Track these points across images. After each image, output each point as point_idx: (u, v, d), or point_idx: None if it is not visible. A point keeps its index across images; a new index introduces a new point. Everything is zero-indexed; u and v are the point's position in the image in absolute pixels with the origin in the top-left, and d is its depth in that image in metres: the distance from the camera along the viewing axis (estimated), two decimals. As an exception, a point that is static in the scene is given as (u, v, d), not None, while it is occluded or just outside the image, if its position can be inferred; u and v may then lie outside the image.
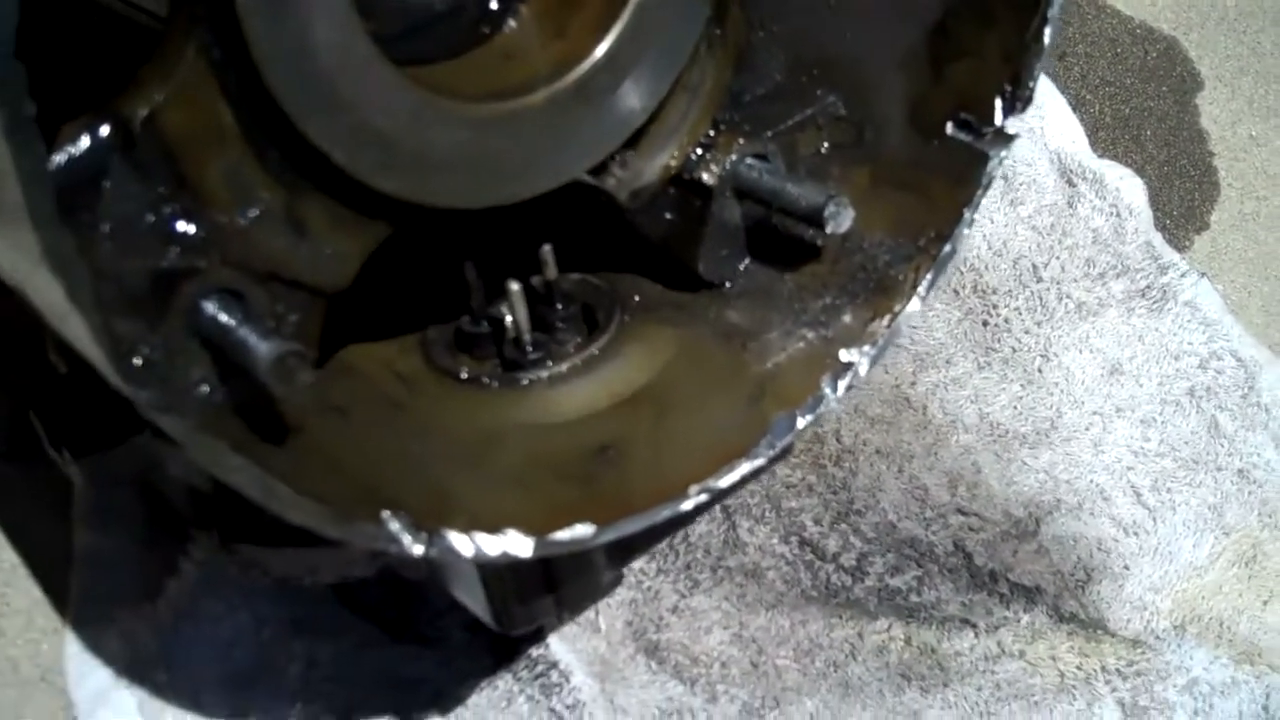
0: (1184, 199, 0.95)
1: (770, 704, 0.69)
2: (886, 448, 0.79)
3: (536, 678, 0.67)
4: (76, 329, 0.38)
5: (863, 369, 0.56)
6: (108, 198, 0.42)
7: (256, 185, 0.46)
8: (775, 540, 0.74)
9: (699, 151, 0.58)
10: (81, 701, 0.64)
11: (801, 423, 0.53)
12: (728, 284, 0.60)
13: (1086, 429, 0.81)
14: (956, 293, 0.85)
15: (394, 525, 0.44)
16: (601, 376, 0.56)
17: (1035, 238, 0.88)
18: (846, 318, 0.56)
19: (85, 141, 0.41)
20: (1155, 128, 0.98)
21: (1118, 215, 0.89)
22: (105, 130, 0.42)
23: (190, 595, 0.64)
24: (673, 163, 0.58)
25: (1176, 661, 0.74)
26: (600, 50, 0.53)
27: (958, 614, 0.74)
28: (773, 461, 0.54)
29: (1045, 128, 0.93)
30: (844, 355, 0.56)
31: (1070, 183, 0.91)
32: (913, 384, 0.81)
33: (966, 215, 0.56)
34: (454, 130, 0.50)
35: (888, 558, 0.75)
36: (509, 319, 0.55)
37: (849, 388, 0.55)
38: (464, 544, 0.45)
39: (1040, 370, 0.83)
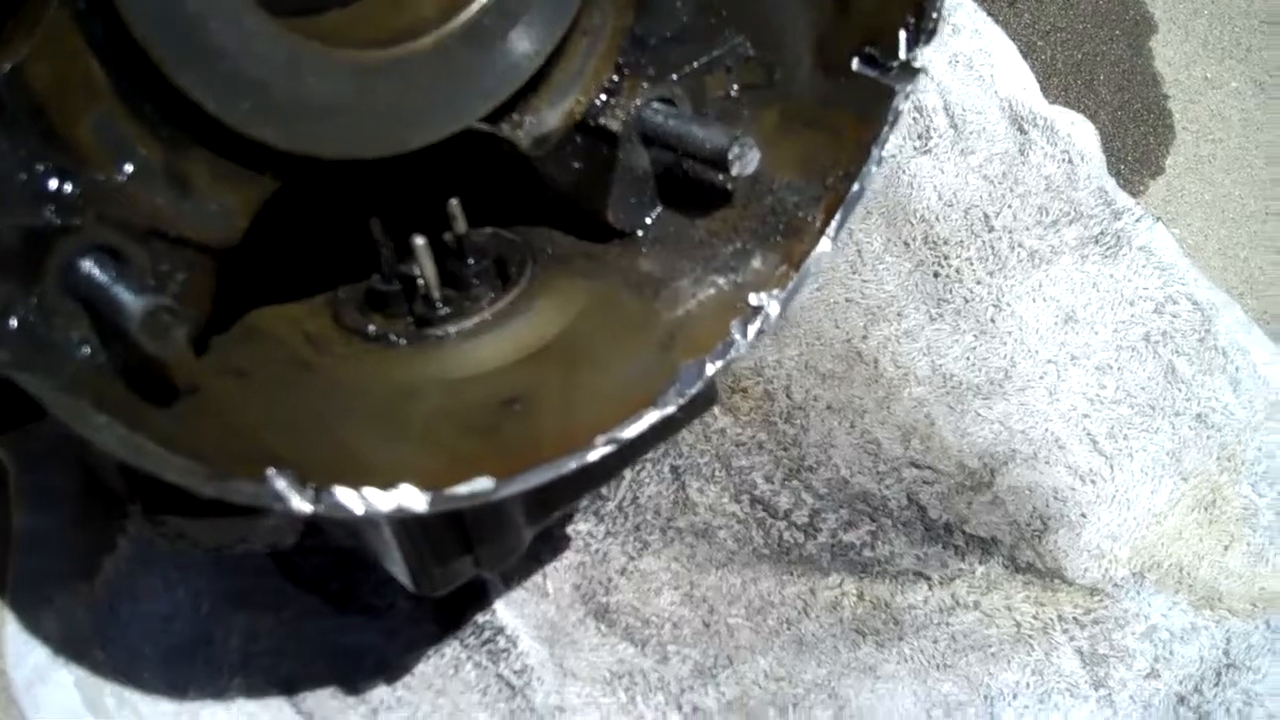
0: (1138, 143, 0.94)
1: (723, 663, 0.68)
2: (838, 403, 0.77)
3: (484, 644, 0.66)
4: None
5: (773, 312, 0.54)
6: None
7: (132, 139, 0.44)
8: (726, 499, 0.73)
9: (603, 97, 0.57)
10: (19, 680, 0.64)
11: (710, 369, 0.52)
12: (639, 232, 0.59)
13: (1041, 378, 0.80)
14: (907, 244, 0.83)
15: (279, 483, 0.42)
16: (512, 330, 0.54)
17: (986, 187, 0.86)
18: (756, 262, 0.55)
19: None
20: (1108, 72, 0.97)
21: (1070, 162, 0.88)
22: None
23: (128, 572, 0.63)
24: (577, 109, 0.56)
25: (1135, 609, 0.73)
26: None
27: (912, 567, 0.73)
28: (689, 413, 0.53)
29: (995, 75, 0.91)
30: (754, 299, 0.54)
31: (1021, 130, 0.89)
32: (864, 338, 0.80)
33: (874, 153, 0.55)
34: (334, 78, 0.48)
35: (840, 513, 0.74)
36: (419, 273, 0.53)
37: (759, 332, 0.54)
38: (352, 499, 0.43)
39: (993, 320, 0.81)
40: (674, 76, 0.57)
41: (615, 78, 0.57)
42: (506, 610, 0.66)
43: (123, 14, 0.42)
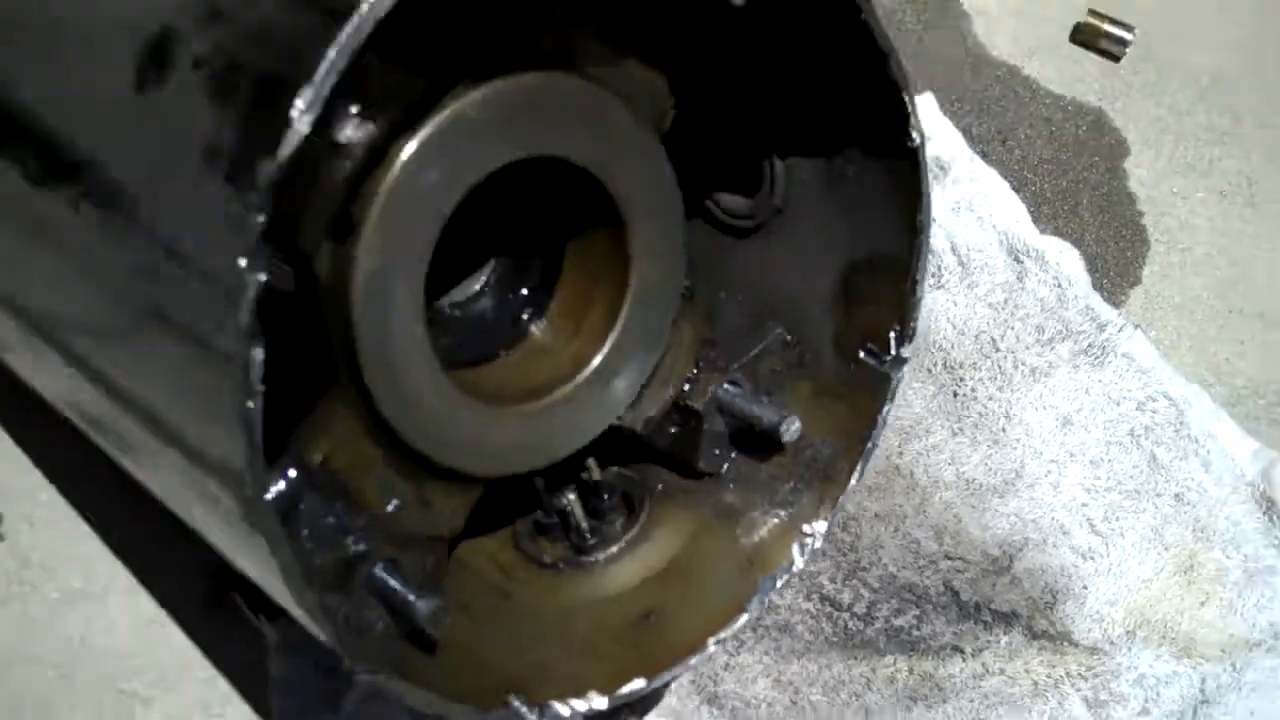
0: (1118, 257, 1.11)
1: None
2: (883, 511, 0.97)
3: (625, 726, 0.87)
4: (288, 602, 0.57)
5: (819, 538, 0.78)
6: (303, 515, 0.61)
7: (394, 484, 0.66)
8: (800, 599, 0.94)
9: (687, 386, 0.79)
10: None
11: (779, 583, 0.76)
12: (722, 472, 0.81)
13: (1046, 475, 0.99)
14: (930, 371, 1.03)
15: (520, 707, 0.64)
16: (641, 554, 0.77)
17: (991, 313, 1.05)
18: (805, 499, 0.78)
19: (283, 484, 0.60)
20: (1090, 195, 1.14)
21: (1059, 286, 1.06)
22: (294, 473, 0.61)
23: (362, 703, 0.84)
24: (669, 397, 0.78)
25: (1128, 662, 0.94)
26: (608, 344, 0.73)
27: (950, 642, 0.93)
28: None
29: (993, 214, 1.09)
30: (805, 529, 0.77)
31: (1018, 260, 1.08)
32: (900, 454, 0.99)
33: (881, 420, 0.77)
34: (509, 429, 0.71)
35: (891, 603, 0.94)
36: (571, 510, 0.75)
37: (810, 551, 0.77)
38: (565, 710, 0.65)
39: (1004, 429, 1.01)
40: (736, 365, 0.79)
41: (695, 371, 0.79)
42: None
43: (383, 416, 0.63)
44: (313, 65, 0.47)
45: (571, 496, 0.76)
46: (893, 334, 0.75)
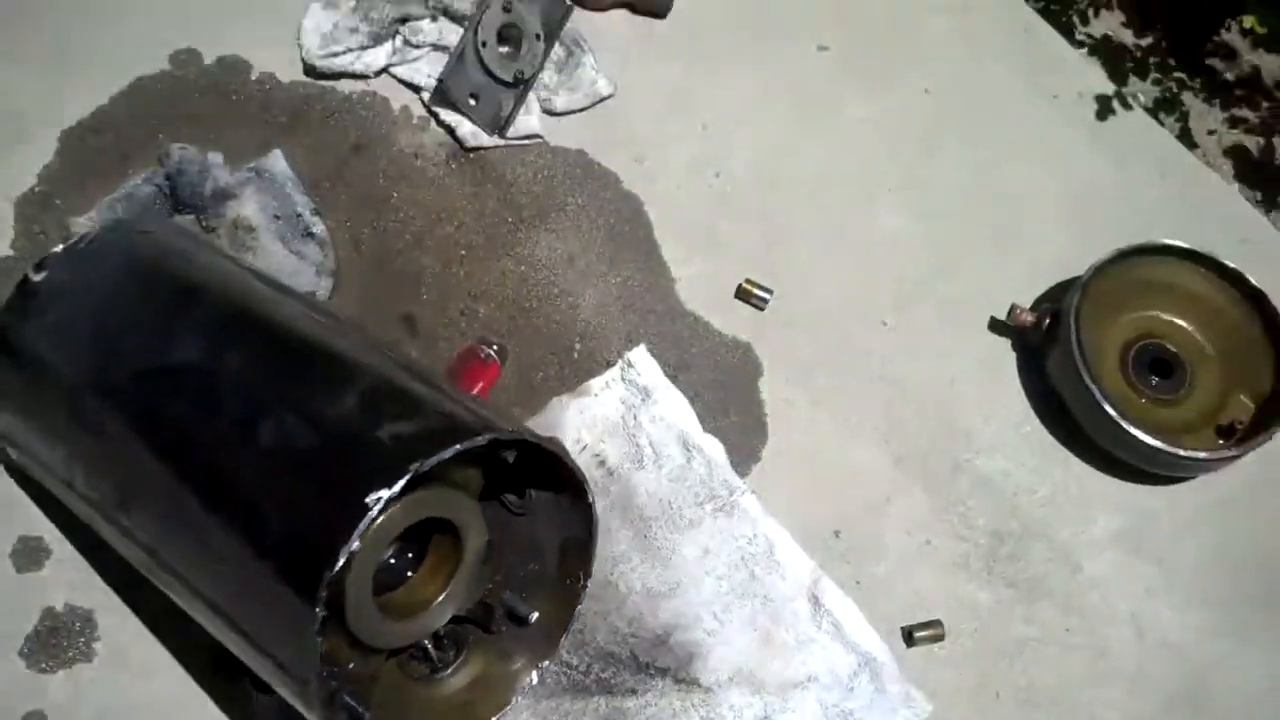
0: (749, 444, 1.63)
1: None
2: (600, 609, 1.53)
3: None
4: (304, 710, 1.12)
5: (550, 665, 1.43)
6: None
7: (352, 655, 1.12)
8: (549, 664, 1.61)
9: (488, 589, 1.30)
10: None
11: (527, 686, 1.38)
12: (502, 631, 1.33)
13: (692, 585, 1.47)
14: (632, 522, 1.70)
15: None
16: (464, 672, 1.30)
17: (670, 485, 1.64)
18: (539, 647, 1.35)
19: None
20: (735, 403, 1.67)
21: (709, 466, 1.73)
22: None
23: None
24: (479, 597, 1.27)
25: (726, 698, 1.47)
26: (450, 584, 1.23)
27: (631, 686, 1.53)
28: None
29: (675, 419, 1.73)
30: (541, 663, 1.37)
31: (687, 449, 1.68)
32: (611, 574, 1.63)
33: (575, 614, 1.40)
34: (402, 628, 1.19)
35: (599, 664, 1.51)
36: (429, 649, 1.27)
37: (543, 671, 1.42)
38: None
39: (671, 558, 1.60)
40: (511, 582, 1.31)
41: (490, 586, 1.30)
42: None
43: (350, 630, 1.11)
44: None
45: (429, 643, 1.28)
46: (582, 574, 1.33)
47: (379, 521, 1.04)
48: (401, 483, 1.01)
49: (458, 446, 1.04)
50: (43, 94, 1.62)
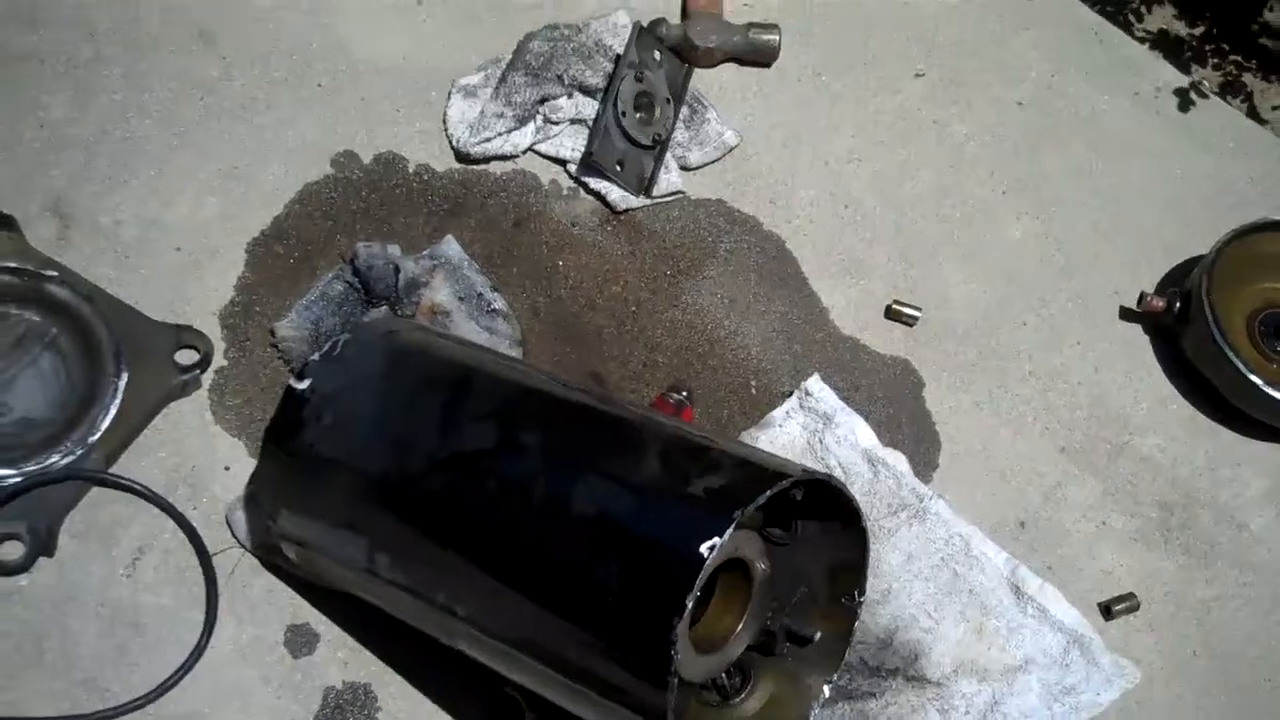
0: (924, 454, 1.73)
1: None
2: None
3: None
4: None
5: (834, 683, 1.49)
6: None
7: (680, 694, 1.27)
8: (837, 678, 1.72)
9: (769, 618, 1.35)
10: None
11: (818, 705, 1.42)
12: (785, 653, 1.39)
13: (903, 590, 1.57)
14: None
15: None
16: (755, 697, 1.35)
17: (862, 499, 1.84)
18: (824, 666, 1.38)
19: None
20: (905, 416, 1.77)
21: (896, 478, 1.82)
22: None
23: None
24: (762, 625, 1.34)
25: (956, 688, 1.65)
26: (744, 618, 1.34)
27: (868, 690, 1.68)
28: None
29: (857, 438, 1.85)
30: (827, 678, 1.41)
31: (872, 464, 1.82)
32: None
33: (854, 630, 1.42)
34: (708, 662, 1.30)
35: (843, 676, 1.74)
36: (720, 680, 1.33)
37: (832, 686, 1.49)
38: None
39: (878, 566, 1.78)
40: (786, 608, 1.35)
41: (770, 614, 1.35)
42: None
43: (680, 675, 1.37)
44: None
45: (721, 674, 1.39)
46: (856, 592, 1.38)
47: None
48: (730, 530, 1.11)
49: (769, 491, 1.13)
50: (225, 209, 1.73)
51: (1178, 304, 1.97)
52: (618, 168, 1.96)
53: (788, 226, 1.90)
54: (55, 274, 1.59)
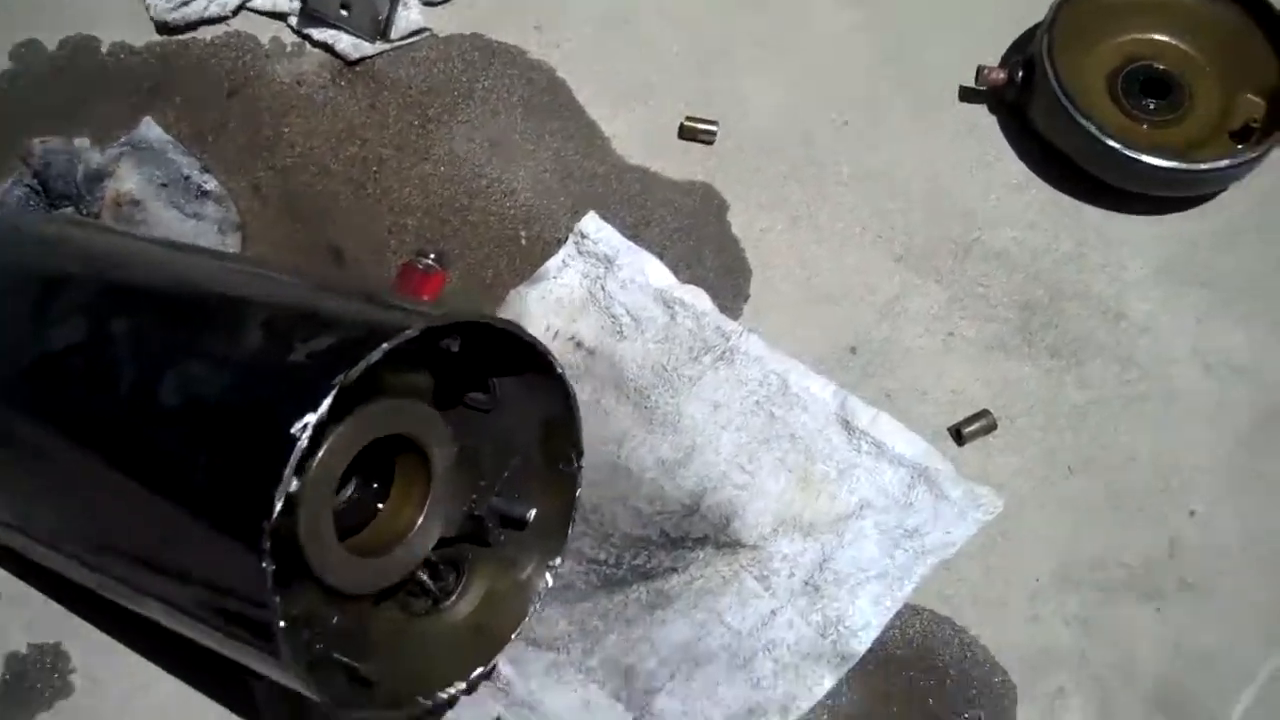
0: (731, 285, 1.51)
1: (597, 636, 1.41)
2: (614, 495, 1.42)
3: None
4: (294, 685, 0.94)
5: (559, 566, 1.28)
6: (298, 641, 0.97)
7: (332, 609, 1.04)
8: (575, 564, 1.41)
9: (474, 500, 1.20)
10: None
11: (542, 593, 1.26)
12: (500, 542, 1.21)
13: (709, 444, 1.38)
14: (627, 396, 1.53)
15: (422, 699, 1.08)
16: (469, 596, 1.19)
17: (657, 347, 1.51)
18: (546, 547, 1.25)
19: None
20: (709, 246, 1.54)
21: (697, 317, 1.57)
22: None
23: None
24: (464, 511, 1.18)
25: (776, 549, 1.38)
26: (425, 509, 1.12)
27: (669, 566, 1.40)
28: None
29: (648, 279, 1.58)
30: (550, 563, 1.26)
31: (668, 306, 1.56)
32: (618, 455, 1.46)
33: (575, 500, 1.26)
34: (380, 568, 1.09)
35: (629, 552, 1.41)
36: (425, 581, 1.15)
37: (554, 572, 1.27)
38: (444, 695, 1.11)
39: (678, 422, 1.47)
40: (495, 485, 1.20)
41: (474, 496, 1.20)
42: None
43: (322, 580, 1.01)
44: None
45: (424, 575, 1.16)
46: (573, 454, 1.23)
47: (319, 455, 0.95)
48: (328, 401, 0.89)
49: (385, 346, 0.92)
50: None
51: (1020, 73, 1.66)
52: (343, 12, 1.68)
53: (557, 52, 1.63)
54: None
